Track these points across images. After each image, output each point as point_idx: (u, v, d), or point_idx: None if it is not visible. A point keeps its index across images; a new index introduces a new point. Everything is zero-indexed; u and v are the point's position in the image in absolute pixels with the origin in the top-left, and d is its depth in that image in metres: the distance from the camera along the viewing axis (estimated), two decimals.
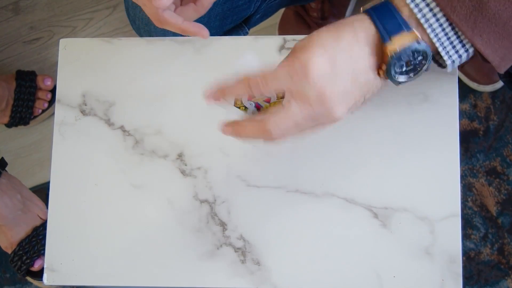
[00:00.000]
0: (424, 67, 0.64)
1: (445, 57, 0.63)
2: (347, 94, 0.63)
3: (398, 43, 0.62)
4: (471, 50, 0.63)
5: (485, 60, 0.63)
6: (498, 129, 1.49)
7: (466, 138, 1.49)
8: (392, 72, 0.63)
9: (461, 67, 1.49)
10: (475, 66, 1.48)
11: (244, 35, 1.02)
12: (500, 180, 1.47)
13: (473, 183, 1.47)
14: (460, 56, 0.63)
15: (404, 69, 0.64)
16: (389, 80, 0.65)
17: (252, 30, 1.04)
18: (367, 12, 0.63)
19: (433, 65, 0.66)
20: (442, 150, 0.77)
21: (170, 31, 0.91)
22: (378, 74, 0.64)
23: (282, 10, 1.55)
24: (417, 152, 0.78)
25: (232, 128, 0.68)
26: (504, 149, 1.48)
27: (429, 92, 0.79)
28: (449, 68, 0.65)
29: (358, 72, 0.63)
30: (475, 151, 1.49)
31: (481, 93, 1.51)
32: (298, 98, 0.63)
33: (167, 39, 0.84)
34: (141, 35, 0.98)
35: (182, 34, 0.74)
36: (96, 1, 1.65)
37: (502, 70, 0.64)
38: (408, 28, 0.62)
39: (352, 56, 0.62)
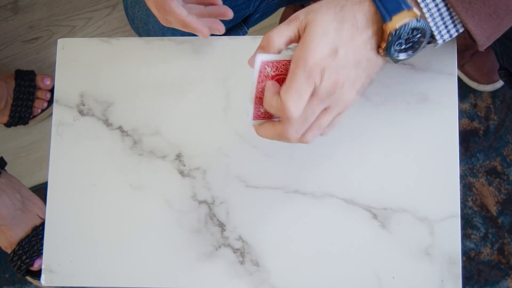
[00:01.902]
0: (423, 44, 0.66)
1: (438, 37, 0.65)
2: (352, 80, 0.65)
3: (398, 21, 0.63)
4: (460, 30, 0.65)
5: (470, 38, 0.66)
6: (498, 128, 1.49)
7: (466, 138, 1.49)
8: (392, 50, 0.65)
9: (461, 67, 1.49)
10: (475, 65, 1.48)
11: (243, 34, 1.01)
12: (500, 179, 1.47)
13: (473, 183, 1.47)
14: (450, 36, 0.66)
15: (403, 46, 0.65)
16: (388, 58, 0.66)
17: (251, 29, 1.03)
18: None
19: (430, 65, 0.65)
20: (442, 151, 0.77)
21: (169, 31, 0.91)
22: (378, 52, 0.65)
23: (281, 10, 1.54)
24: (417, 152, 0.78)
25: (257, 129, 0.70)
26: (504, 148, 1.48)
27: (429, 92, 0.79)
28: (438, 45, 0.67)
29: (360, 57, 0.64)
30: (475, 151, 1.48)
31: (481, 92, 1.50)
32: None
33: (166, 39, 0.84)
34: (139, 35, 0.98)
35: (183, 29, 0.74)
36: (96, 1, 1.64)
37: (483, 49, 0.67)
38: (408, 6, 0.63)
39: (353, 45, 0.64)
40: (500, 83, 1.48)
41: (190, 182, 0.80)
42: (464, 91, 1.50)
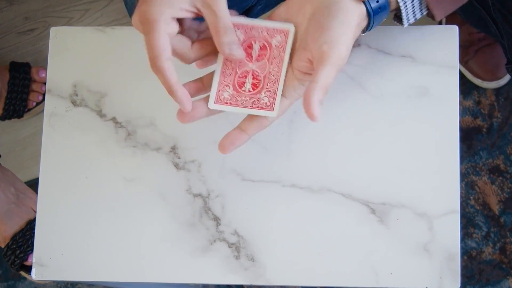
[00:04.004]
0: None
1: (404, 21, 0.71)
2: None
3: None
4: (424, 13, 0.71)
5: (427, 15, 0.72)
6: (502, 126, 1.48)
7: (469, 136, 1.48)
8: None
9: (465, 63, 1.48)
10: (479, 62, 1.47)
11: None
12: (503, 178, 1.46)
13: (476, 181, 1.46)
14: (415, 19, 0.71)
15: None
16: None
17: None
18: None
19: (431, 57, 0.65)
20: (442, 145, 0.77)
21: None
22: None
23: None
24: (416, 147, 0.77)
25: None
26: (507, 147, 1.47)
27: (429, 85, 0.78)
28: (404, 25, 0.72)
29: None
30: (478, 149, 1.47)
31: (484, 89, 1.50)
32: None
33: None
34: None
35: (167, 91, 0.69)
36: None
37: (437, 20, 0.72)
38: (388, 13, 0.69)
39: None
40: (504, 80, 1.48)
41: (185, 175, 0.79)
42: (467, 88, 1.49)
